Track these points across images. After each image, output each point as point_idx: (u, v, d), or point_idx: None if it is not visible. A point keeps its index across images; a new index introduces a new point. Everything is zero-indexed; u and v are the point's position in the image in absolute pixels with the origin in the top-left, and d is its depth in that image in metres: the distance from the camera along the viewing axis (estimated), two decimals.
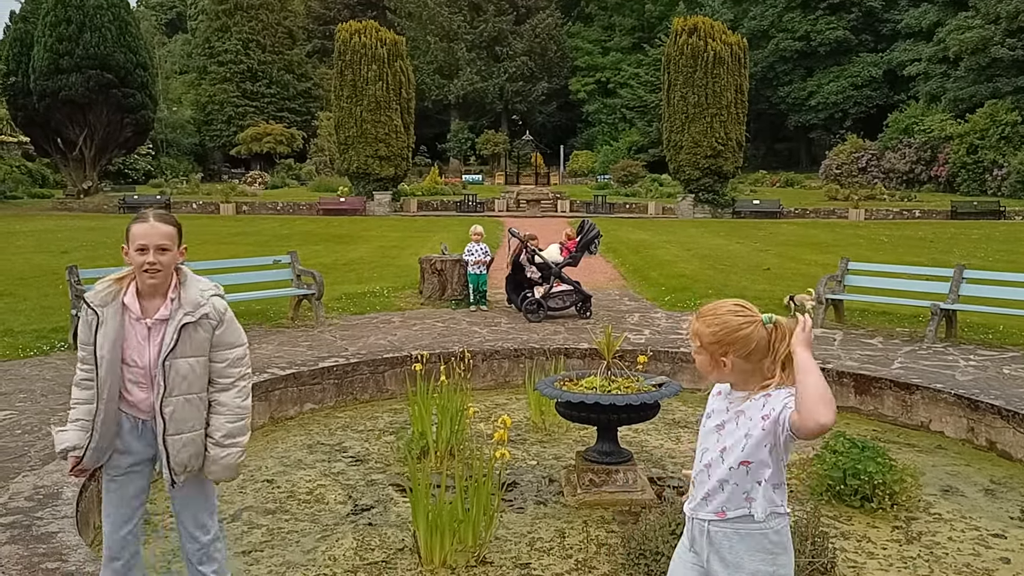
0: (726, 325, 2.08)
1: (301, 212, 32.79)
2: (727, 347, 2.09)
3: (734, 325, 2.08)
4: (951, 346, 7.96)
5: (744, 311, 2.10)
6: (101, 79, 32.11)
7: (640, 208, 34.46)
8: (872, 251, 17.33)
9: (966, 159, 38.52)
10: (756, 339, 2.06)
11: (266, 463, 5.60)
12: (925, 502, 4.94)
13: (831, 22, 51.33)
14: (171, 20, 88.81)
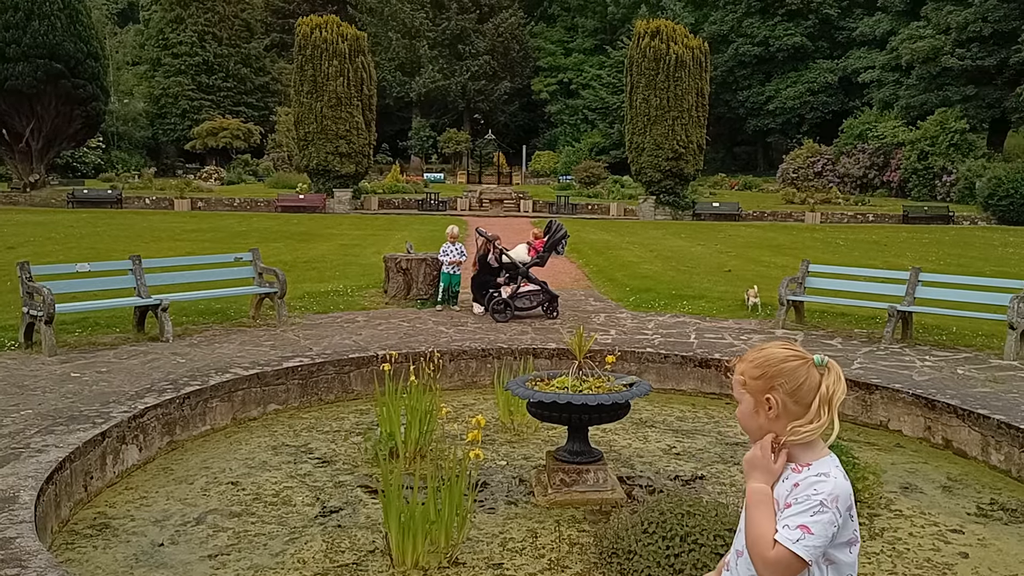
0: (772, 356, 1.90)
1: (259, 209, 32.23)
2: (772, 380, 1.87)
3: (780, 356, 1.90)
4: (907, 347, 8.17)
5: (793, 347, 1.92)
6: (50, 69, 31.06)
7: (603, 209, 34.68)
8: (828, 254, 17.71)
9: (917, 165, 39.63)
10: (805, 376, 1.85)
11: (230, 465, 5.49)
12: (886, 499, 5.05)
13: (789, 28, 52.33)
14: (122, 10, 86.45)
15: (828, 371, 1.85)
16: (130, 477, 5.21)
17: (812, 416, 1.83)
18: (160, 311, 7.91)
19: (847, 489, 1.82)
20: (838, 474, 1.83)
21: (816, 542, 1.77)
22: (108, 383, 6.21)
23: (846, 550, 1.83)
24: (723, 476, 5.44)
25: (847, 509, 1.81)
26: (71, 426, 5.07)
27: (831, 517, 1.77)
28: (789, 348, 1.91)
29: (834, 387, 1.84)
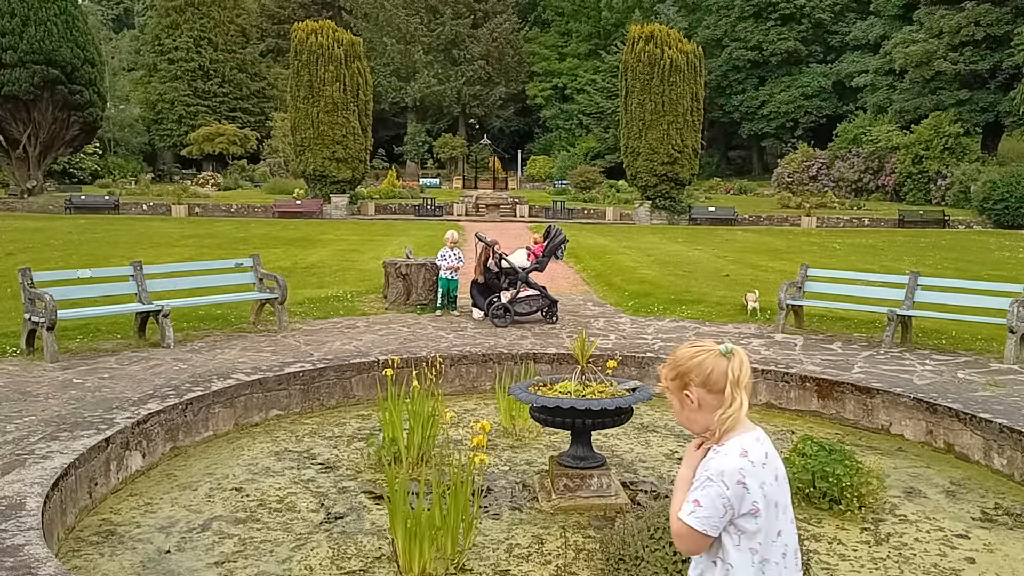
0: (681, 355, 2.11)
1: (256, 214, 32.19)
2: (684, 377, 2.09)
3: (688, 354, 2.10)
4: (907, 351, 8.20)
5: (699, 344, 2.12)
6: (46, 75, 30.99)
7: (598, 214, 34.73)
8: (825, 258, 17.76)
9: (912, 169, 39.79)
10: (711, 366, 2.05)
11: (233, 471, 5.48)
12: (890, 504, 5.07)
13: (782, 33, 52.58)
14: (118, 16, 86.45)
15: (732, 357, 2.04)
16: (134, 483, 5.20)
17: (728, 401, 2.02)
18: (161, 317, 7.91)
19: (735, 464, 2.00)
20: (737, 449, 2.02)
21: (705, 513, 1.99)
22: (111, 389, 6.20)
23: (751, 520, 2.02)
24: None
25: (737, 482, 1.98)
26: (75, 432, 5.06)
27: (718, 490, 1.98)
28: (695, 345, 2.11)
29: (738, 370, 2.03)
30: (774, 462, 2.09)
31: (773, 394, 7.25)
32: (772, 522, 2.06)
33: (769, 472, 2.06)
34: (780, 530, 2.08)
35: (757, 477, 2.02)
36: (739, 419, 2.05)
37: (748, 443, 2.05)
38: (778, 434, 6.52)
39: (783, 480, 2.12)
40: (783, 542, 2.09)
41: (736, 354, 2.06)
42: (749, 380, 2.05)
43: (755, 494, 2.01)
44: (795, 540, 2.15)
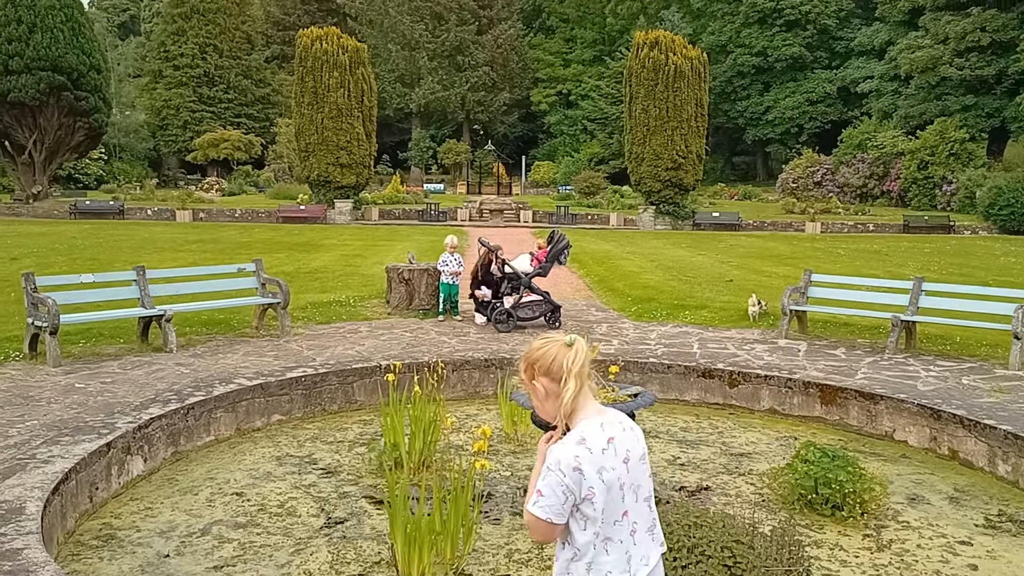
0: (528, 349, 2.21)
1: (260, 219, 32.27)
2: (531, 368, 2.18)
3: (534, 347, 2.19)
4: (911, 357, 8.16)
5: (546, 337, 2.22)
6: (52, 81, 31.19)
7: (602, 219, 34.74)
8: (830, 263, 17.72)
9: (917, 175, 39.70)
10: (552, 356, 2.14)
11: (234, 475, 5.48)
12: (893, 510, 5.04)
13: (787, 39, 52.59)
14: (124, 22, 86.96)
15: (571, 347, 2.14)
16: (135, 488, 5.20)
17: (566, 387, 2.11)
18: (164, 322, 7.92)
19: (571, 452, 2.07)
20: (575, 437, 2.10)
21: (547, 502, 2.08)
22: (113, 394, 6.21)
23: (589, 505, 2.09)
24: (729, 487, 5.42)
25: (573, 469, 2.06)
26: (76, 437, 5.07)
27: (557, 478, 2.06)
28: (542, 339, 2.21)
29: (575, 358, 2.12)
30: (624, 445, 2.15)
31: (776, 400, 7.23)
32: (616, 505, 2.13)
33: (612, 457, 2.12)
34: (626, 511, 2.15)
35: (595, 463, 2.08)
36: (576, 405, 2.13)
37: (589, 430, 2.12)
38: (781, 440, 6.50)
39: (638, 462, 2.19)
40: (630, 521, 2.17)
41: (575, 343, 2.15)
42: (587, 367, 2.14)
43: (591, 480, 2.08)
44: (649, 516, 2.23)
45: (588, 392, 2.17)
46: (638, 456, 2.20)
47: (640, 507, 2.20)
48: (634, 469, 2.18)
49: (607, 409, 2.23)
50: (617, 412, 2.27)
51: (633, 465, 2.18)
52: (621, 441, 2.16)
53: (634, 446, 2.20)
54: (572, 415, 2.15)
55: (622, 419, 2.24)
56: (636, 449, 2.20)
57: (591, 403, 2.18)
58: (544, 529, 2.12)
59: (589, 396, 2.18)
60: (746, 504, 5.10)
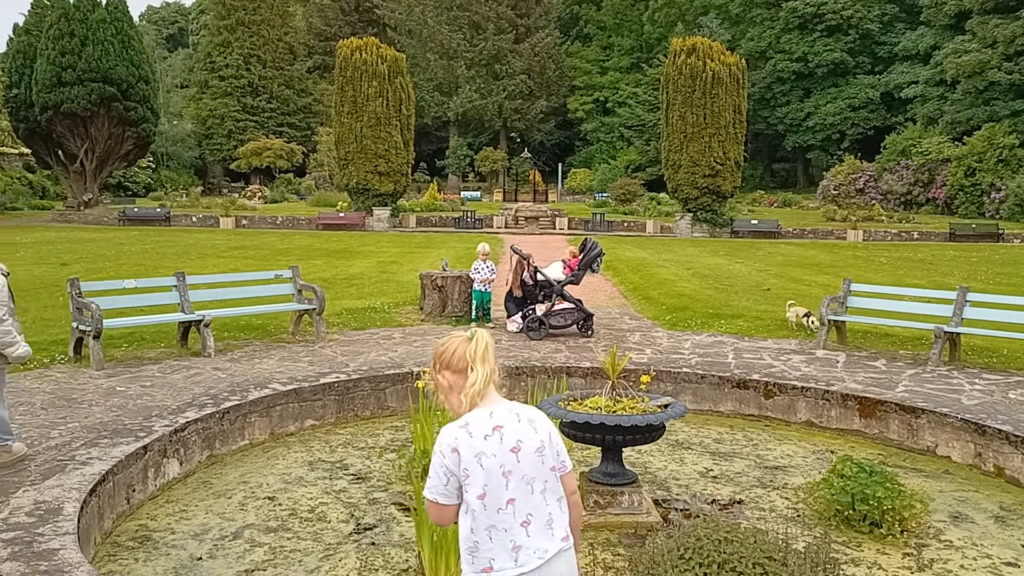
0: (436, 347, 2.32)
1: (300, 227, 32.77)
2: (434, 364, 2.30)
3: (440, 344, 2.31)
4: (955, 369, 7.93)
5: (451, 335, 2.33)
6: (103, 92, 32.17)
7: (639, 226, 34.52)
8: (872, 272, 17.34)
9: (964, 181, 38.68)
10: (453, 349, 2.25)
11: (267, 480, 5.54)
12: (935, 528, 4.89)
13: (828, 44, 51.76)
14: (172, 35, 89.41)
15: (471, 339, 2.25)
16: (171, 490, 5.30)
17: (473, 373, 2.21)
18: (203, 327, 8.07)
19: (451, 434, 2.19)
20: (460, 422, 2.21)
21: (431, 483, 2.20)
22: (152, 397, 6.34)
23: (467, 490, 2.18)
24: (762, 501, 5.32)
25: (452, 450, 2.16)
26: (115, 439, 5.18)
27: (438, 460, 2.18)
28: (448, 336, 2.32)
29: (476, 347, 2.23)
30: (515, 435, 2.20)
31: (813, 412, 7.08)
32: (499, 493, 2.17)
33: (496, 444, 2.17)
34: (512, 499, 2.18)
35: (473, 448, 2.16)
36: (481, 392, 2.21)
37: (475, 416, 2.20)
38: (817, 453, 6.36)
39: (533, 453, 2.23)
40: (520, 511, 2.20)
41: (476, 335, 2.27)
42: (492, 355, 2.23)
43: (467, 462, 2.15)
44: (546, 510, 2.24)
45: (492, 386, 2.25)
46: (533, 448, 2.23)
47: (535, 499, 2.22)
48: (526, 460, 2.21)
49: (508, 402, 2.29)
50: (522, 406, 2.33)
51: (525, 456, 2.21)
52: (512, 431, 2.20)
53: (528, 437, 2.24)
54: (475, 403, 2.21)
55: (522, 411, 2.29)
56: (531, 441, 2.24)
57: (493, 395, 2.25)
58: (434, 510, 2.23)
59: (492, 390, 2.25)
60: (780, 519, 5.00)
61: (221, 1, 61.17)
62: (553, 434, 2.32)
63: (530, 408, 2.34)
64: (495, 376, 2.27)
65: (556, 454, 2.32)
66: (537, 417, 2.31)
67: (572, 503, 2.38)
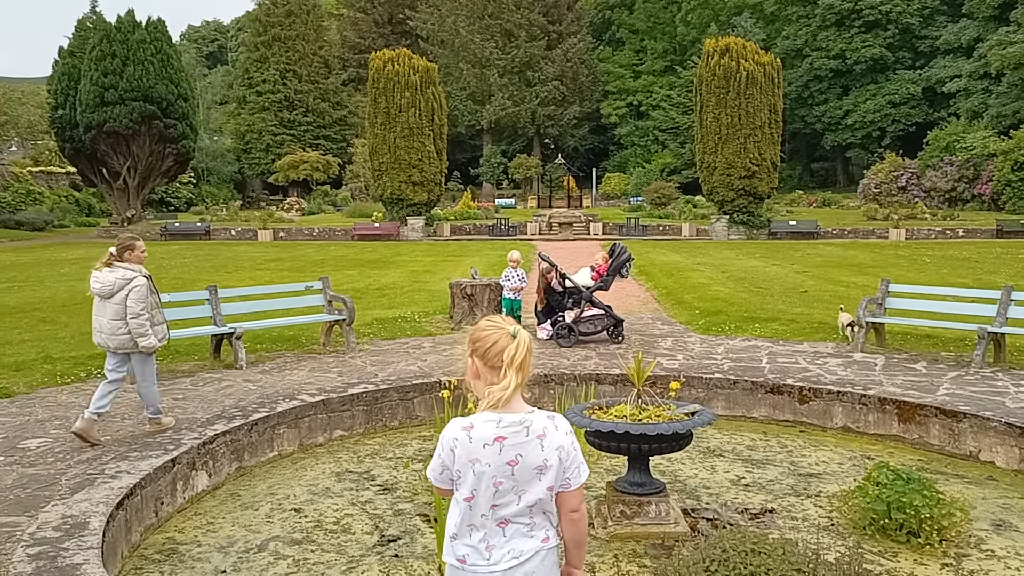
0: (476, 328, 2.28)
1: (336, 237, 33.17)
2: (471, 346, 2.26)
3: (481, 327, 2.26)
4: (1000, 371, 7.65)
5: (494, 320, 2.28)
6: (144, 110, 33.04)
7: (674, 230, 34.19)
8: (914, 272, 16.89)
9: (1011, 176, 37.48)
10: (494, 341, 2.19)
11: (294, 491, 5.57)
12: (976, 537, 4.70)
13: (867, 40, 50.73)
14: (212, 52, 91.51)
15: (515, 338, 2.19)
16: (199, 503, 5.35)
17: (502, 378, 2.18)
18: (235, 339, 8.18)
19: (452, 434, 2.21)
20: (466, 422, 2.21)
21: (432, 466, 2.28)
22: (183, 409, 6.43)
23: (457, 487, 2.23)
24: (795, 510, 5.18)
25: (449, 449, 2.20)
26: (144, 453, 5.26)
27: (440, 450, 2.24)
28: (490, 320, 2.28)
29: (516, 351, 2.18)
30: (516, 450, 2.17)
31: (850, 417, 6.89)
32: (486, 498, 2.19)
33: (494, 455, 2.16)
34: (494, 504, 2.20)
35: (470, 453, 2.18)
36: (507, 398, 2.17)
37: (481, 420, 2.19)
38: (854, 460, 6.18)
39: (532, 470, 2.20)
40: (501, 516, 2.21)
41: (518, 337, 2.20)
42: (528, 363, 2.21)
43: (461, 465, 2.19)
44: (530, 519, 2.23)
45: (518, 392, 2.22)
46: (532, 465, 2.19)
47: (520, 510, 2.23)
48: (521, 475, 2.19)
49: (526, 411, 2.24)
50: (539, 416, 2.25)
51: (522, 471, 2.19)
52: (514, 444, 2.18)
53: (531, 454, 2.19)
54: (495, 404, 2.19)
55: (535, 424, 2.22)
56: (532, 457, 2.19)
57: (517, 401, 2.22)
58: (435, 487, 2.33)
59: (518, 395, 2.22)
60: (813, 528, 4.86)
61: (257, 18, 62.41)
62: (564, 452, 2.22)
63: (547, 420, 2.24)
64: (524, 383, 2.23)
65: (561, 472, 2.23)
66: (550, 433, 2.21)
67: (573, 520, 2.31)
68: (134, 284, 5.52)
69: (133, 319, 5.50)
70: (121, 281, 5.52)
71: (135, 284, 5.53)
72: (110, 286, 5.51)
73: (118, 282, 5.51)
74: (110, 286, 5.51)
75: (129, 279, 5.53)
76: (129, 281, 5.52)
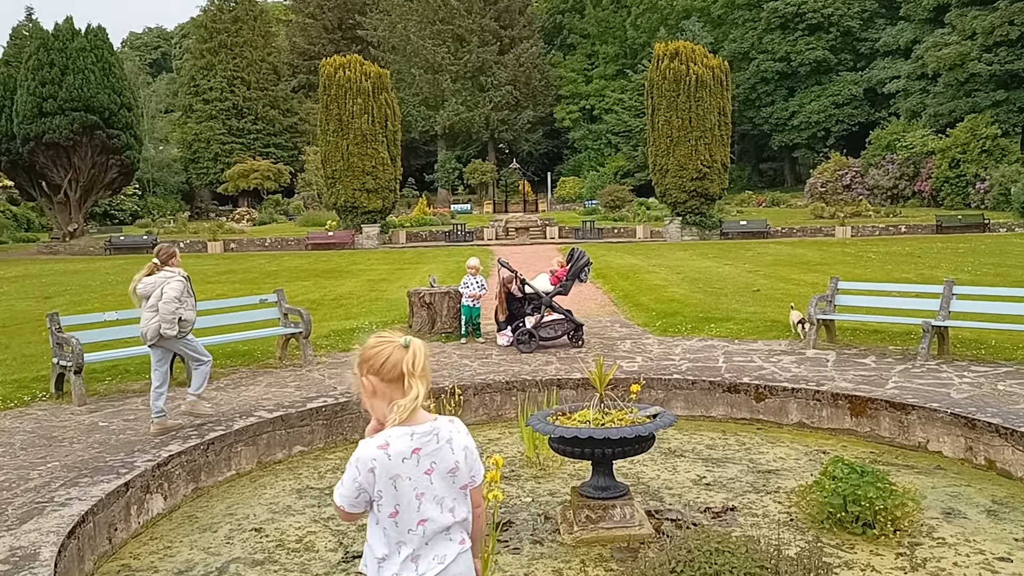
0: (364, 347, 2.26)
1: (289, 247, 32.69)
2: (363, 366, 2.23)
3: (368, 345, 2.25)
4: (944, 363, 7.91)
5: (382, 335, 2.27)
6: (85, 121, 32.12)
7: (629, 232, 34.56)
8: (860, 268, 17.36)
9: (949, 173, 38.89)
10: (386, 356, 2.19)
11: (254, 510, 5.46)
12: (928, 526, 4.85)
13: (810, 43, 52.08)
14: (155, 60, 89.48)
15: (407, 350, 2.19)
16: (155, 527, 5.21)
17: (406, 390, 2.18)
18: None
19: (369, 454, 2.18)
20: (380, 440, 2.19)
21: (342, 491, 2.23)
22: (135, 431, 6.26)
23: (378, 506, 2.21)
24: (755, 506, 5.27)
25: (368, 470, 2.17)
26: (95, 477, 5.10)
27: (353, 473, 2.20)
28: (378, 336, 2.27)
29: (413, 360, 2.18)
30: (431, 457, 2.21)
31: (804, 413, 7.04)
32: (411, 514, 2.21)
33: (413, 467, 2.19)
34: (423, 519, 2.22)
35: (390, 470, 2.17)
36: (413, 408, 2.19)
37: (396, 435, 2.19)
38: (810, 455, 6.32)
39: (445, 474, 2.24)
40: (431, 528, 2.23)
41: (412, 346, 2.20)
42: (425, 370, 2.20)
43: (381, 483, 2.18)
44: (448, 521, 2.26)
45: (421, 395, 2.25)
46: (446, 469, 2.25)
47: (444, 516, 2.26)
48: (438, 481, 2.24)
49: (431, 420, 2.27)
50: (443, 423, 2.30)
51: (438, 477, 2.24)
52: (429, 453, 2.22)
53: (443, 458, 2.25)
54: (404, 418, 2.19)
55: (442, 430, 2.27)
56: (445, 462, 2.25)
57: (422, 411, 2.25)
58: (342, 513, 2.27)
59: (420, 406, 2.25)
60: (773, 524, 4.94)
61: (203, 24, 61.28)
62: (469, 452, 2.33)
63: (449, 424, 2.32)
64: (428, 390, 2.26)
65: (468, 471, 2.33)
66: (455, 436, 2.31)
67: (476, 515, 2.41)
68: (174, 279, 6.20)
69: (165, 304, 6.08)
70: (161, 280, 6.19)
71: (175, 279, 6.20)
72: (152, 285, 6.18)
73: (158, 281, 6.18)
74: (152, 285, 6.18)
75: (169, 277, 6.21)
76: (169, 279, 6.19)
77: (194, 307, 6.50)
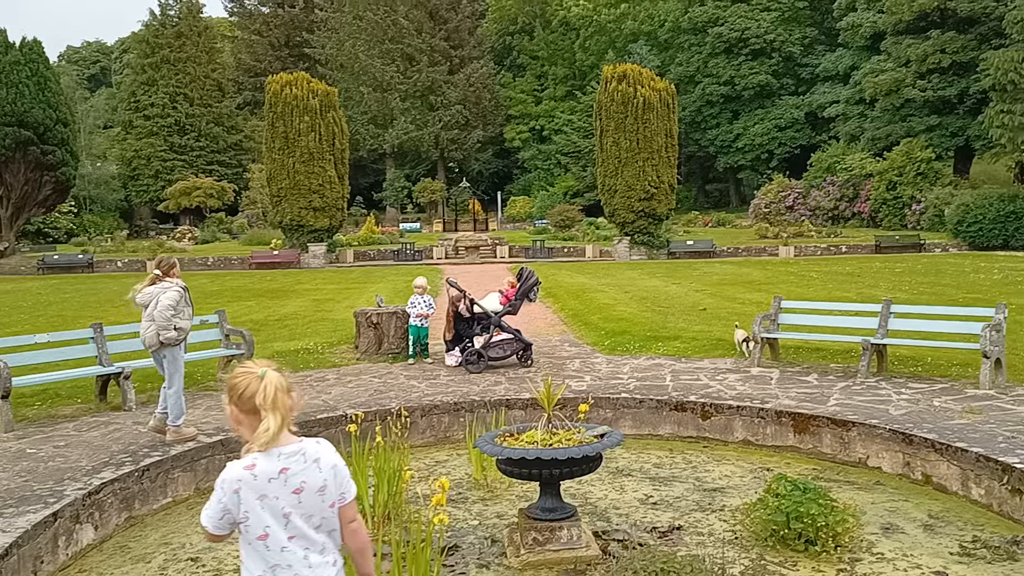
0: (230, 378, 2.31)
1: (233, 267, 31.99)
2: (228, 395, 2.29)
3: (233, 375, 2.30)
4: (883, 380, 8.12)
5: (246, 366, 2.31)
6: (18, 136, 30.98)
7: (578, 251, 34.83)
8: (803, 287, 17.80)
9: (886, 195, 40.31)
10: (245, 386, 2.24)
11: (191, 539, 5.26)
12: (867, 541, 4.93)
13: (753, 67, 53.63)
14: (94, 75, 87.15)
15: (262, 380, 2.23)
16: (85, 558, 4.97)
17: (261, 420, 2.21)
18: (123, 379, 7.71)
19: (234, 475, 2.23)
20: (247, 461, 2.23)
21: (209, 512, 2.28)
22: (65, 458, 5.99)
23: (247, 529, 2.24)
24: (701, 525, 5.29)
25: (233, 491, 2.22)
26: (21, 508, 4.85)
27: (219, 495, 2.25)
28: (243, 367, 2.31)
29: (265, 393, 2.21)
30: (299, 477, 2.26)
31: (749, 431, 7.13)
32: (280, 532, 2.25)
33: (280, 487, 2.23)
34: (293, 535, 2.26)
35: (256, 490, 2.22)
36: (271, 439, 2.22)
37: (263, 457, 2.24)
38: (754, 472, 6.39)
39: (314, 493, 2.29)
40: (303, 546, 2.28)
41: (265, 379, 2.24)
42: (283, 399, 2.24)
43: (248, 505, 2.22)
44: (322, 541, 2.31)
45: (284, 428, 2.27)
46: (315, 488, 2.29)
47: (313, 534, 2.31)
48: (307, 500, 2.28)
49: (298, 442, 2.31)
50: (311, 444, 2.35)
51: (307, 496, 2.28)
52: (297, 473, 2.26)
53: (312, 478, 2.29)
54: (263, 447, 2.23)
55: (309, 451, 2.32)
56: (313, 481, 2.29)
57: (286, 436, 2.28)
58: (207, 534, 2.30)
59: (285, 431, 2.28)
60: (719, 543, 4.97)
61: (145, 39, 59.93)
62: (338, 470, 2.37)
63: (316, 444, 2.37)
64: (290, 418, 2.28)
65: (337, 489, 2.37)
66: (323, 456, 2.35)
67: (353, 530, 2.44)
68: (171, 290, 6.41)
69: (160, 311, 6.28)
70: (159, 291, 6.41)
71: (172, 290, 6.42)
72: (150, 295, 6.41)
73: (156, 291, 6.42)
74: (150, 295, 6.41)
75: (167, 287, 6.43)
76: (167, 289, 6.41)
77: (191, 317, 6.68)
